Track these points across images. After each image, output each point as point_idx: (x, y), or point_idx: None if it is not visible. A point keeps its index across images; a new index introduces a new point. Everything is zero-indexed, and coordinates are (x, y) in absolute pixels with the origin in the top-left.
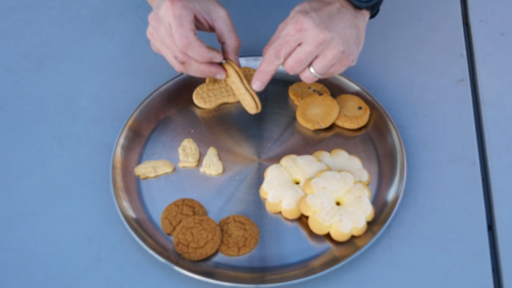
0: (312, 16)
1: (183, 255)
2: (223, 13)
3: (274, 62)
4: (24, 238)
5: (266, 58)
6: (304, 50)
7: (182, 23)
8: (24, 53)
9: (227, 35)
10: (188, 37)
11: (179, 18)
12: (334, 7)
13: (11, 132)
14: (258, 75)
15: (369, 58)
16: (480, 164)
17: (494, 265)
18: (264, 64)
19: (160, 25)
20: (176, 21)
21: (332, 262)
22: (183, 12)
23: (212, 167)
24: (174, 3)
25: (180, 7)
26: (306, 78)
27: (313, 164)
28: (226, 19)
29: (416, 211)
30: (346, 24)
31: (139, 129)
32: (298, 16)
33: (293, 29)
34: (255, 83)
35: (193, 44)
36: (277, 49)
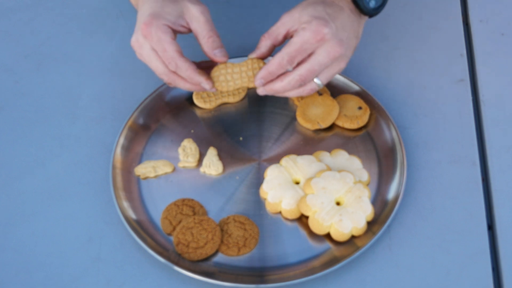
0: (332, 26)
1: (183, 255)
2: (196, 11)
3: (286, 67)
4: (24, 238)
5: (277, 62)
6: (318, 61)
7: (164, 48)
8: (24, 53)
9: (200, 35)
10: (174, 59)
11: (160, 42)
12: (345, 15)
13: (11, 132)
14: (265, 74)
15: (369, 58)
16: (480, 164)
17: (494, 265)
18: (274, 66)
19: (143, 50)
20: (158, 46)
21: (332, 262)
22: (160, 35)
23: (212, 167)
24: (148, 29)
25: (155, 30)
26: (311, 90)
27: (313, 164)
28: (200, 18)
29: (416, 211)
30: (353, 34)
31: (139, 129)
32: (317, 24)
33: (313, 38)
34: (259, 80)
35: (180, 67)
36: (292, 55)
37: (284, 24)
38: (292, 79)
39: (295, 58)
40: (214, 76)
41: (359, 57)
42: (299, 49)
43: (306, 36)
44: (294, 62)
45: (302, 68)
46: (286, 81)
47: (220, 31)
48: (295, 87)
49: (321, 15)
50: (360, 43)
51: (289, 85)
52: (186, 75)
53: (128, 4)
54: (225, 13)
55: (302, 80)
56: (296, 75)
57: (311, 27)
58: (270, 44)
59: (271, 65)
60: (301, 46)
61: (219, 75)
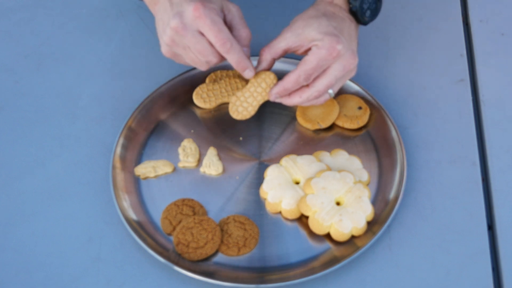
0: (343, 41)
1: (183, 255)
2: (235, 9)
3: (301, 84)
4: (24, 238)
5: (294, 79)
6: (335, 76)
7: (220, 28)
8: (24, 53)
9: (236, 27)
10: (230, 40)
11: (214, 23)
12: (347, 24)
13: (11, 132)
14: (280, 90)
15: (369, 58)
16: (480, 164)
17: (494, 265)
18: (290, 84)
19: (188, 32)
20: (213, 27)
21: (332, 262)
22: (214, 16)
23: (212, 167)
24: (200, 10)
25: (208, 13)
26: (324, 100)
27: (313, 164)
28: (238, 13)
29: (416, 211)
30: (355, 40)
31: (139, 129)
32: (330, 40)
33: (329, 55)
34: (274, 95)
35: (234, 47)
36: (309, 73)
37: (286, 39)
38: (310, 94)
39: (311, 76)
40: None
41: (359, 57)
42: (315, 67)
43: (321, 54)
44: (310, 79)
45: (319, 84)
46: (305, 97)
47: None
48: (311, 100)
49: (329, 30)
50: (360, 44)
51: (307, 100)
52: (237, 57)
53: (128, 4)
54: None
55: (319, 95)
56: (315, 91)
57: (325, 44)
58: (270, 58)
59: (288, 83)
60: (317, 64)
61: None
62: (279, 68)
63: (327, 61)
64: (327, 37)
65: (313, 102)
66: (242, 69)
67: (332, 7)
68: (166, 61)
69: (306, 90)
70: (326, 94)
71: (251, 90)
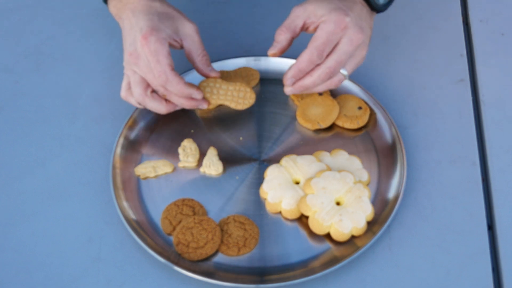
0: (350, 15)
1: (183, 255)
2: (190, 30)
3: (316, 62)
4: (24, 238)
5: (307, 58)
6: (344, 51)
7: (158, 59)
8: (24, 53)
9: (195, 53)
10: (165, 73)
11: (155, 54)
12: (359, 7)
13: (11, 132)
14: (295, 72)
15: (369, 58)
16: (480, 164)
17: (494, 265)
18: (304, 63)
19: (140, 61)
20: (153, 58)
21: (332, 262)
22: (158, 46)
23: (212, 167)
24: (147, 39)
25: (154, 42)
26: (339, 82)
27: (313, 164)
28: (194, 36)
29: (416, 211)
30: (368, 25)
31: (139, 129)
32: (337, 13)
33: (337, 27)
34: (290, 79)
35: (170, 81)
36: (321, 48)
37: (299, 16)
38: (321, 72)
39: (324, 52)
40: (201, 85)
41: None
42: (326, 42)
43: (330, 27)
44: (323, 55)
45: (330, 60)
46: (316, 75)
47: (220, 31)
48: (324, 80)
49: (338, 7)
50: None
51: (319, 79)
52: (176, 89)
53: None
54: (225, 13)
55: (331, 72)
56: (326, 68)
57: (332, 17)
58: (289, 37)
59: (301, 63)
60: (327, 38)
61: (207, 86)
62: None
63: (336, 34)
64: (334, 12)
65: (328, 85)
66: (187, 96)
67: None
68: None
69: (317, 68)
70: (340, 75)
71: (230, 88)
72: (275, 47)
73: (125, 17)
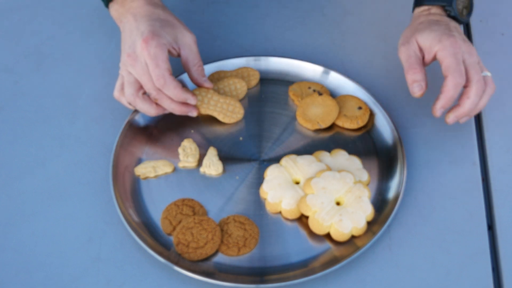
0: (454, 33)
1: (183, 255)
2: (189, 39)
3: (461, 83)
4: (24, 238)
5: (452, 84)
6: (471, 62)
7: (158, 63)
8: (24, 53)
9: (191, 63)
10: (164, 77)
11: (155, 58)
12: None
13: (11, 132)
14: (445, 102)
15: (369, 58)
16: (480, 164)
17: (494, 265)
18: (451, 91)
19: (137, 63)
20: (152, 61)
21: (332, 262)
22: (158, 51)
23: (212, 167)
24: (148, 43)
25: (154, 46)
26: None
27: (313, 164)
28: (192, 46)
29: (416, 211)
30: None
31: (139, 129)
32: (446, 38)
33: (455, 48)
34: (440, 110)
35: (168, 84)
36: (458, 69)
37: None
38: (476, 88)
39: (462, 71)
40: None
41: (359, 57)
42: (457, 62)
43: (450, 51)
44: (463, 74)
45: (472, 74)
46: (473, 94)
47: (220, 31)
48: (480, 94)
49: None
50: (360, 43)
51: (477, 96)
52: (173, 93)
53: None
54: (225, 13)
55: (482, 84)
56: (476, 82)
57: (445, 44)
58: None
59: (448, 91)
60: (456, 60)
61: (198, 94)
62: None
63: (458, 54)
64: (442, 38)
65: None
66: (182, 100)
67: (433, 16)
68: None
69: (468, 89)
70: (487, 78)
71: (220, 101)
72: (421, 86)
73: (126, 21)
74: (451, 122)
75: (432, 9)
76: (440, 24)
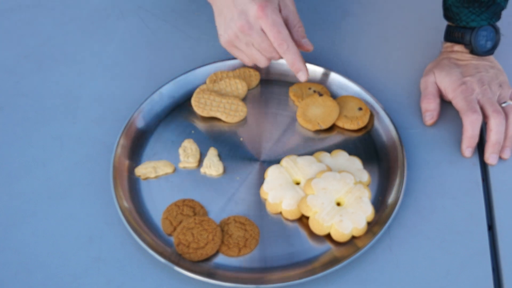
0: (468, 78)
1: (184, 256)
2: (289, 1)
3: (503, 121)
4: (24, 238)
5: (494, 124)
6: (489, 100)
7: (279, 30)
8: (24, 53)
9: (291, 23)
10: (287, 41)
11: (275, 24)
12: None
13: (11, 132)
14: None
15: (369, 59)
16: (480, 164)
17: (494, 265)
18: (497, 134)
19: (253, 31)
20: (273, 28)
21: (333, 263)
22: (275, 17)
23: (212, 167)
24: (265, 10)
25: (271, 12)
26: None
27: (314, 165)
28: (291, 7)
29: (417, 212)
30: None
31: (139, 130)
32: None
33: (468, 93)
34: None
35: (290, 49)
36: (495, 108)
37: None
38: (494, 118)
39: (475, 108)
40: (196, 96)
41: (359, 57)
42: (469, 102)
43: (461, 97)
44: (476, 109)
45: (485, 108)
46: (494, 125)
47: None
48: (502, 123)
49: (456, 77)
50: (360, 43)
51: (499, 126)
52: (292, 58)
53: (128, 4)
54: None
55: (499, 112)
56: (492, 112)
57: (457, 92)
58: (438, 101)
59: (466, 130)
60: (467, 101)
61: (201, 97)
62: None
63: (470, 96)
64: (455, 85)
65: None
66: (296, 70)
67: (455, 54)
68: (166, 61)
69: (489, 119)
70: (509, 107)
71: (222, 101)
72: (433, 116)
73: None
74: (493, 162)
75: (455, 46)
76: (459, 66)
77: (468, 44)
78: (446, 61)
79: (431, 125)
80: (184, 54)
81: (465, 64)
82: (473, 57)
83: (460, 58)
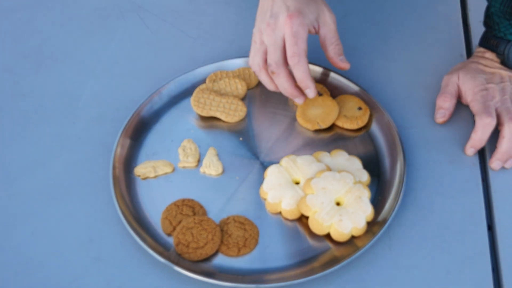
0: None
1: (183, 255)
2: (329, 19)
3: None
4: (24, 238)
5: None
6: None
7: (297, 42)
8: (24, 53)
9: (329, 41)
10: (300, 56)
11: (296, 35)
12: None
13: (11, 132)
14: (473, 142)
15: (369, 58)
16: (480, 164)
17: (494, 265)
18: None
19: (274, 34)
20: (292, 38)
21: (332, 262)
22: (300, 30)
23: (212, 167)
24: (292, 20)
25: (297, 24)
26: None
27: (313, 164)
28: (331, 26)
29: (416, 212)
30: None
31: (139, 129)
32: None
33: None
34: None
35: (301, 65)
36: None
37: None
38: (509, 126)
39: (490, 112)
40: (195, 96)
41: (359, 57)
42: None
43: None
44: (492, 114)
45: (502, 115)
46: (507, 132)
47: (220, 31)
48: None
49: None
50: (360, 44)
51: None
52: (301, 74)
53: (128, 4)
54: (225, 13)
55: None
56: (507, 120)
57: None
58: (454, 102)
59: (476, 132)
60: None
61: (201, 97)
62: None
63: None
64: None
65: None
66: (304, 87)
67: (484, 60)
68: (166, 61)
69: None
70: None
71: (222, 101)
72: (445, 115)
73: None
74: (496, 168)
75: (486, 53)
76: (485, 72)
77: (501, 54)
78: (474, 65)
79: (441, 123)
80: (184, 54)
81: (492, 71)
82: (501, 67)
83: (489, 65)
